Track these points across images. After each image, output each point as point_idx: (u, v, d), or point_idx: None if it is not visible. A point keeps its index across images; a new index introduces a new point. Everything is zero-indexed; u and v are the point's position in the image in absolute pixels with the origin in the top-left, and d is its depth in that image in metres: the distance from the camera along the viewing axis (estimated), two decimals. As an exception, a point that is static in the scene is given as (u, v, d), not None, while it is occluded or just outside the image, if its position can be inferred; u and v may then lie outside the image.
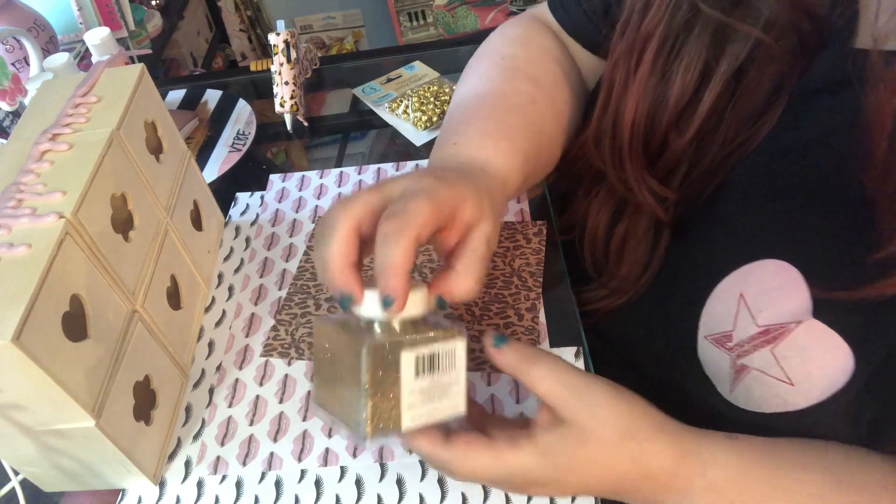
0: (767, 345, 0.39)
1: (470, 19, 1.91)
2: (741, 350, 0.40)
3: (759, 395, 0.40)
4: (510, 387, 0.50)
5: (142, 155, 0.51)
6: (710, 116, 0.44)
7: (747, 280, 0.40)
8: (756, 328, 0.39)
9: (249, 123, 0.81)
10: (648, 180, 0.46)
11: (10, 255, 0.38)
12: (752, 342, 0.40)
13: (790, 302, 0.38)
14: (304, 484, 0.47)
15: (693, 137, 0.44)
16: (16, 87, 0.70)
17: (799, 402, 0.39)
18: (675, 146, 0.45)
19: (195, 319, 0.57)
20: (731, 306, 0.41)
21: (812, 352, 0.37)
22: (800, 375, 0.38)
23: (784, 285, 0.38)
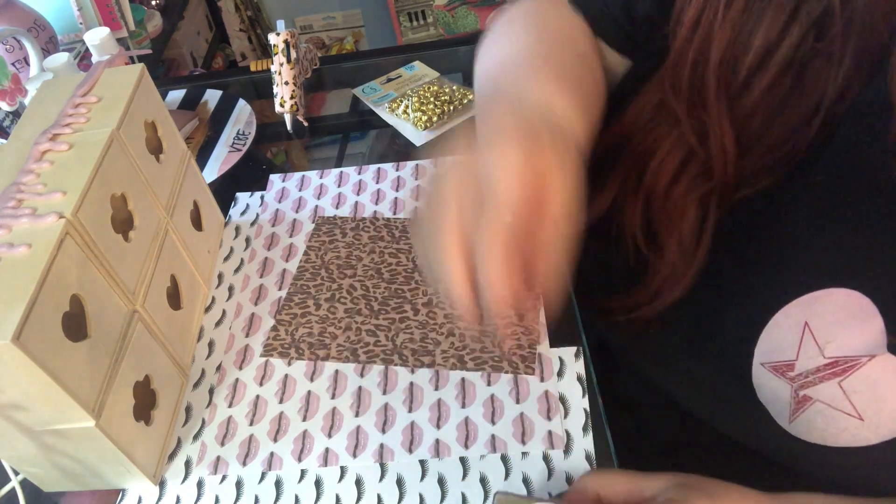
0: (835, 377, 0.37)
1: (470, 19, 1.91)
2: (805, 381, 0.39)
3: (824, 427, 0.39)
4: (510, 387, 0.50)
5: (142, 155, 0.51)
6: (782, 75, 0.42)
7: (813, 309, 0.38)
8: (823, 359, 0.38)
9: (249, 123, 0.81)
10: (727, 123, 0.44)
11: (10, 255, 0.38)
12: (817, 373, 0.38)
13: (862, 334, 0.36)
14: (304, 484, 0.47)
15: (765, 90, 0.42)
16: (16, 87, 0.70)
17: (868, 437, 0.37)
18: (748, 99, 0.43)
19: (195, 319, 0.57)
20: (793, 335, 0.39)
21: (884, 387, 0.36)
22: (870, 411, 0.37)
23: (855, 316, 0.37)
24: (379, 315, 0.56)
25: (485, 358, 0.52)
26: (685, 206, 0.47)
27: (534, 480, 0.45)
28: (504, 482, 0.45)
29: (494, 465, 0.46)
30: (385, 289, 0.58)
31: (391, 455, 0.47)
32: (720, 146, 0.44)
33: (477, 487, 0.45)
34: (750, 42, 0.42)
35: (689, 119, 0.46)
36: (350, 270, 0.60)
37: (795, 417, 0.40)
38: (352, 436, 0.49)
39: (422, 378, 0.52)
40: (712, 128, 0.44)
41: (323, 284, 0.59)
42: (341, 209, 0.67)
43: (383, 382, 0.52)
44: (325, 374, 0.53)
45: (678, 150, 0.47)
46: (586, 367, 0.51)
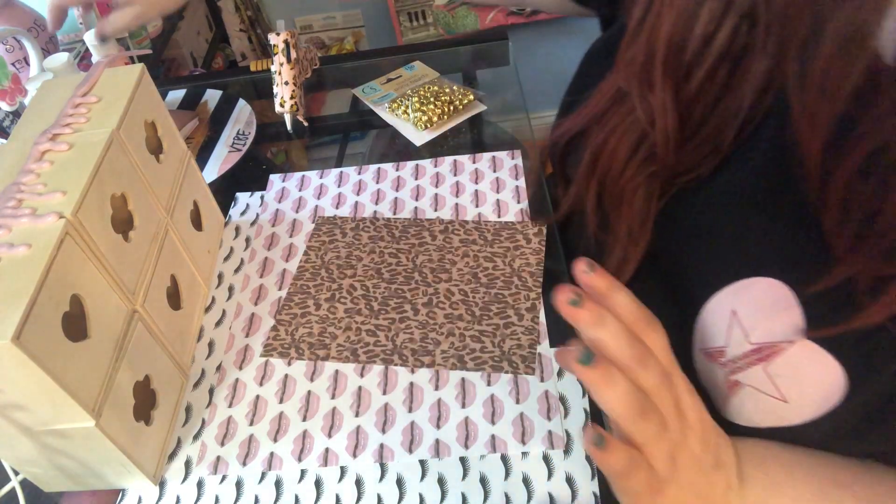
0: (760, 362, 0.39)
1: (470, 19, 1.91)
2: (734, 366, 0.41)
3: (753, 410, 0.41)
4: (510, 387, 0.50)
5: (142, 155, 0.51)
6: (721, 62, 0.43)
7: (739, 297, 0.40)
8: (749, 346, 0.39)
9: (249, 123, 0.81)
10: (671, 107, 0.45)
11: (10, 255, 0.38)
12: (745, 359, 0.40)
13: (782, 321, 0.38)
14: (304, 484, 0.47)
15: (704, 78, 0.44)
16: (16, 87, 0.70)
17: (793, 418, 0.39)
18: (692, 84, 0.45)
19: (195, 319, 0.57)
20: (723, 322, 0.41)
21: (805, 371, 0.38)
22: (793, 393, 0.38)
23: (776, 304, 0.38)
24: (379, 315, 0.56)
25: (485, 358, 0.52)
26: (633, 190, 0.49)
27: (534, 480, 0.45)
28: (504, 482, 0.45)
29: (494, 465, 0.46)
30: (385, 289, 0.58)
31: (391, 455, 0.47)
32: (664, 129, 0.45)
33: (477, 487, 0.45)
34: (693, 29, 0.44)
35: (639, 100, 0.47)
36: (350, 270, 0.60)
37: (728, 401, 0.42)
38: (352, 436, 0.49)
39: (422, 378, 0.52)
40: (657, 110, 0.46)
41: (323, 284, 0.59)
42: (341, 209, 0.67)
43: (383, 382, 0.52)
44: (325, 374, 0.53)
45: (630, 135, 0.49)
46: (586, 367, 0.51)
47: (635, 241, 0.49)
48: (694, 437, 0.36)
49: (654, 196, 0.48)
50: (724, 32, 0.43)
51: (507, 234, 0.61)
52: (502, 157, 0.71)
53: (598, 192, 0.52)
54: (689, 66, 0.45)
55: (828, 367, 0.37)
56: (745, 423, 0.41)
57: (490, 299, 0.56)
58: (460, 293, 0.57)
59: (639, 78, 0.47)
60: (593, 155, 0.52)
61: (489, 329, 0.54)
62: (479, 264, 0.59)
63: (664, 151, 0.46)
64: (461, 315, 0.55)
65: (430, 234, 0.62)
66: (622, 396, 0.33)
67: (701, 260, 0.44)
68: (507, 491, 0.45)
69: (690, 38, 0.44)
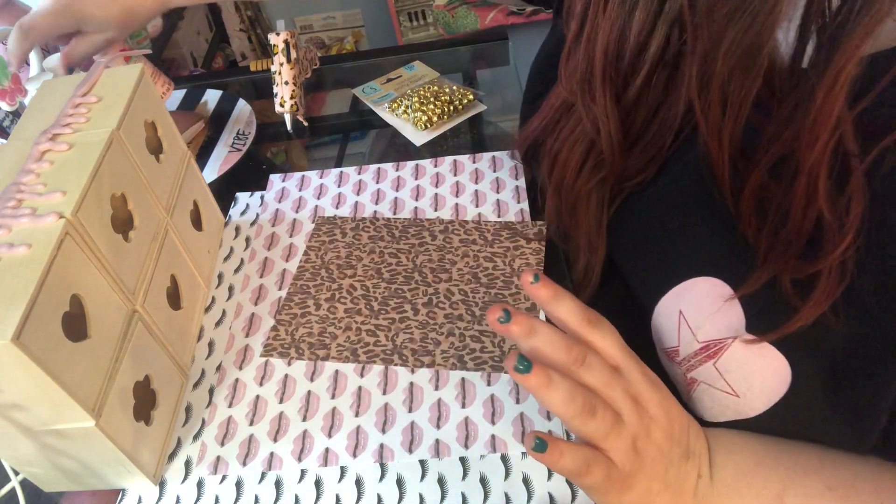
0: (710, 359, 0.40)
1: (470, 19, 1.91)
2: (688, 364, 0.42)
3: (711, 406, 0.42)
4: (510, 387, 0.50)
5: (142, 155, 0.51)
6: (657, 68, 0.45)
7: (684, 298, 0.41)
8: (698, 344, 0.40)
9: (249, 123, 0.81)
10: (616, 112, 0.47)
11: (10, 255, 0.38)
12: (696, 357, 0.41)
13: (726, 319, 0.39)
14: (304, 484, 0.47)
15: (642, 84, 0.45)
16: (16, 87, 0.70)
17: (747, 411, 0.40)
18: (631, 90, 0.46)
19: (195, 319, 0.57)
20: (673, 323, 0.42)
21: (751, 364, 0.38)
22: (743, 387, 0.39)
23: (717, 302, 0.39)
24: (379, 315, 0.56)
25: (485, 358, 0.52)
26: (587, 197, 0.50)
27: (534, 480, 0.45)
28: (504, 482, 0.45)
29: (494, 465, 0.46)
30: (385, 289, 0.58)
31: (391, 455, 0.47)
32: (608, 135, 0.47)
33: (477, 487, 0.45)
34: (628, 38, 0.45)
35: (584, 110, 0.49)
36: (350, 270, 0.60)
37: (689, 398, 0.43)
38: (352, 436, 0.49)
39: (422, 378, 0.52)
40: (600, 118, 0.47)
41: (323, 284, 0.59)
42: (341, 209, 0.67)
43: (383, 382, 0.52)
44: (325, 374, 0.53)
45: (580, 144, 0.50)
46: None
47: (594, 248, 0.51)
48: (657, 428, 0.37)
49: (605, 202, 0.50)
50: (657, 40, 0.44)
51: (507, 234, 0.61)
52: (502, 157, 0.71)
53: (556, 203, 0.53)
54: (627, 74, 0.46)
55: (772, 360, 0.38)
56: (708, 418, 0.42)
57: (490, 299, 0.56)
58: (460, 293, 0.57)
59: (581, 88, 0.48)
60: (549, 165, 0.53)
61: (489, 329, 0.54)
62: (479, 264, 0.59)
63: (611, 157, 0.47)
64: (461, 315, 0.55)
65: (430, 234, 0.62)
66: (565, 398, 0.34)
67: (649, 263, 0.46)
68: (507, 491, 0.45)
69: (626, 48, 0.45)
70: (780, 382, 0.38)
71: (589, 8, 0.47)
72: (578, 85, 0.48)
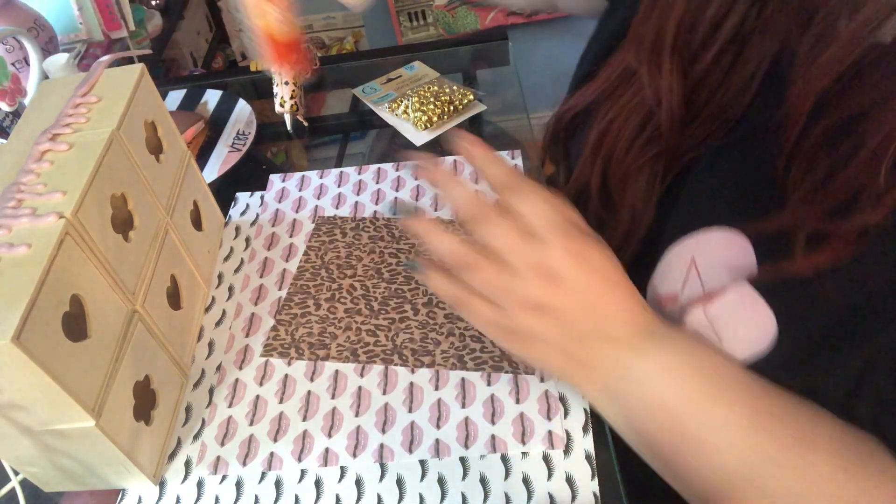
0: (701, 304, 0.41)
1: (470, 19, 1.91)
2: (682, 310, 0.42)
3: None
4: (510, 387, 0.50)
5: (142, 155, 0.51)
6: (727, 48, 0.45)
7: (701, 247, 0.42)
8: (703, 293, 0.41)
9: (249, 123, 0.81)
10: (678, 88, 0.47)
11: (10, 255, 0.38)
12: (693, 303, 0.42)
13: (738, 271, 0.40)
14: (304, 484, 0.47)
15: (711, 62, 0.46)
16: (16, 88, 0.70)
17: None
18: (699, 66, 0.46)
19: (195, 319, 0.57)
20: (681, 269, 0.43)
21: (739, 314, 0.39)
22: (728, 335, 0.40)
23: (736, 254, 0.40)
24: (379, 315, 0.56)
25: (485, 358, 0.52)
26: (638, 170, 0.50)
27: (534, 480, 0.45)
28: (504, 482, 0.45)
29: (494, 465, 0.46)
30: (385, 289, 0.58)
31: (391, 455, 0.47)
32: (669, 109, 0.47)
33: (477, 487, 0.45)
34: (704, 12, 0.45)
35: (648, 79, 0.49)
36: (350, 270, 0.60)
37: None
38: (352, 436, 0.49)
39: (422, 378, 0.52)
40: (664, 90, 0.47)
41: (323, 284, 0.59)
42: (341, 209, 0.67)
43: (383, 382, 0.52)
44: (325, 374, 0.53)
45: (636, 115, 0.51)
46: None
47: (639, 219, 0.50)
48: (568, 297, 0.38)
49: (658, 177, 0.49)
50: (734, 18, 0.44)
51: (507, 234, 0.61)
52: (503, 156, 0.71)
53: (602, 171, 0.53)
54: (698, 49, 0.46)
55: (760, 314, 0.38)
56: None
57: (490, 299, 0.56)
58: (460, 293, 0.57)
59: (648, 57, 0.48)
60: (600, 133, 0.53)
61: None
62: (479, 264, 0.59)
63: (669, 131, 0.48)
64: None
65: (430, 234, 0.62)
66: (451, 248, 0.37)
67: (671, 214, 0.47)
68: (507, 491, 0.45)
69: (701, 22, 0.45)
70: (762, 337, 0.39)
71: None
72: (646, 54, 0.48)
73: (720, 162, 0.45)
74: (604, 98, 0.53)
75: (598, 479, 0.45)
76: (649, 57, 0.48)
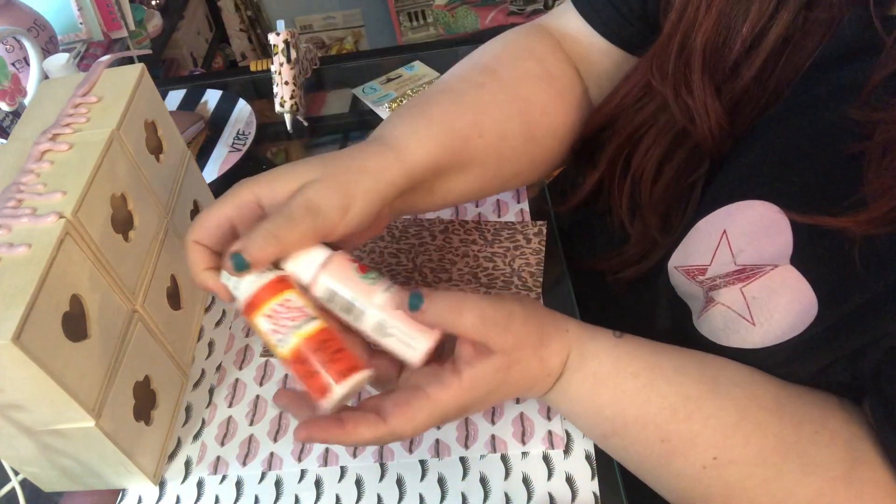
0: (739, 283, 0.40)
1: (470, 19, 1.91)
2: (712, 283, 0.42)
3: (721, 328, 0.42)
4: (510, 387, 0.50)
5: (142, 155, 0.51)
6: (771, 56, 0.44)
7: (733, 218, 0.41)
8: (734, 266, 0.40)
9: (249, 123, 0.81)
10: (716, 104, 0.46)
11: (10, 255, 0.38)
12: (725, 278, 0.41)
13: (772, 245, 0.39)
14: (304, 484, 0.47)
15: (755, 76, 0.44)
16: (16, 88, 0.70)
17: (755, 341, 0.40)
18: (738, 84, 0.45)
19: (195, 319, 0.57)
20: (711, 241, 0.42)
21: (780, 296, 0.39)
22: (763, 317, 0.39)
23: (770, 228, 0.39)
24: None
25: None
26: (674, 194, 0.50)
27: (534, 480, 0.45)
28: (504, 482, 0.45)
29: (494, 465, 0.46)
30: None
31: (391, 455, 0.47)
32: (708, 130, 0.46)
33: (477, 487, 0.45)
34: (737, 29, 0.44)
35: (676, 103, 0.48)
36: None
37: (701, 315, 0.44)
38: (352, 436, 0.49)
39: (422, 378, 0.51)
40: (697, 112, 0.46)
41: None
42: (341, 209, 0.67)
43: (383, 382, 0.52)
44: (325, 374, 0.53)
45: (664, 138, 0.50)
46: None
47: (670, 230, 0.50)
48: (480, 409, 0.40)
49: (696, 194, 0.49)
50: (777, 30, 0.43)
51: (507, 234, 0.61)
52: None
53: (630, 193, 0.53)
54: (736, 65, 0.44)
55: (802, 296, 0.38)
56: (711, 339, 0.43)
57: (490, 299, 0.56)
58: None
59: (673, 82, 0.47)
60: (624, 151, 0.52)
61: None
62: (479, 264, 0.59)
63: (711, 147, 0.47)
64: (461, 315, 0.55)
65: (430, 234, 0.62)
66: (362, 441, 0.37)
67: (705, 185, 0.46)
68: (507, 491, 0.45)
69: (735, 40, 0.44)
70: (801, 320, 0.38)
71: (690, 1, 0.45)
72: (671, 78, 0.47)
73: (760, 138, 0.44)
74: (624, 113, 0.52)
75: (598, 479, 0.45)
76: (674, 80, 0.46)
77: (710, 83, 0.45)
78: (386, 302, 0.38)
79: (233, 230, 0.39)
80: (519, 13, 1.88)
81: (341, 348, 0.37)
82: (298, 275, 0.38)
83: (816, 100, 0.41)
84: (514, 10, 1.88)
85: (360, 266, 0.39)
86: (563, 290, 0.56)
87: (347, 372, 0.36)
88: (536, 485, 0.45)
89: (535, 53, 0.56)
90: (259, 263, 0.36)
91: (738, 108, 0.46)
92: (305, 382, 0.37)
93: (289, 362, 0.37)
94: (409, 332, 0.38)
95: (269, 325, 0.36)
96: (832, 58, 0.41)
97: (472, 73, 0.52)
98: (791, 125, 0.42)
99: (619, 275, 0.55)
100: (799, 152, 0.40)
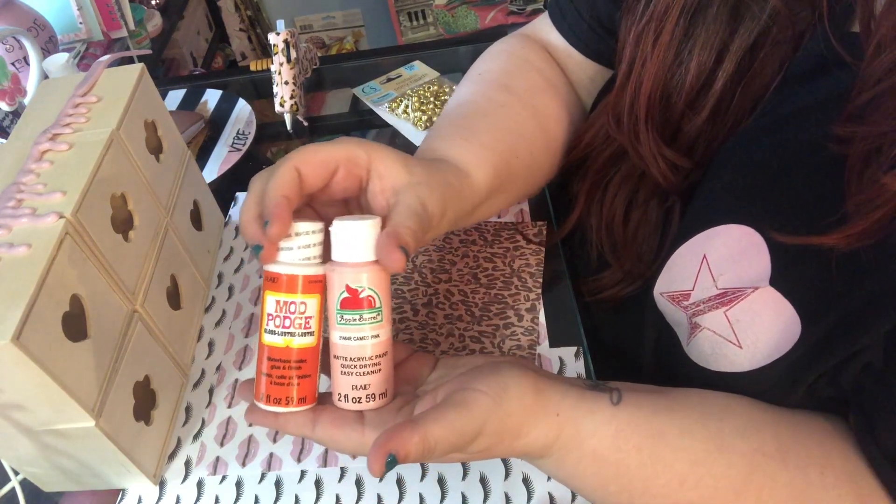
0: (722, 307, 0.40)
1: (470, 19, 1.91)
2: (696, 309, 0.42)
3: (710, 353, 0.42)
4: (510, 387, 0.50)
5: (142, 155, 0.51)
6: (723, 97, 0.44)
7: (712, 243, 0.41)
8: (715, 290, 0.41)
9: (249, 123, 0.81)
10: (665, 152, 0.47)
11: (10, 255, 0.38)
12: (708, 303, 0.41)
13: (751, 268, 0.39)
14: (304, 484, 0.47)
15: (707, 118, 0.45)
16: (15, 87, 0.70)
17: (744, 364, 0.40)
18: (691, 126, 0.46)
19: (195, 319, 0.57)
20: (692, 266, 0.42)
21: (763, 318, 0.39)
22: (749, 339, 0.39)
23: (747, 251, 0.39)
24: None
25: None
26: (647, 230, 0.51)
27: (534, 480, 0.45)
28: (504, 482, 0.45)
29: (494, 465, 0.46)
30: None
31: (391, 455, 0.47)
32: (661, 174, 0.47)
33: (477, 487, 0.45)
34: (680, 84, 0.45)
35: (631, 150, 0.49)
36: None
37: (689, 342, 0.44)
38: (352, 436, 0.49)
39: (422, 378, 0.52)
40: (648, 159, 0.47)
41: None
42: (341, 209, 0.67)
43: (383, 382, 0.52)
44: (325, 374, 0.53)
45: (628, 183, 0.52)
46: (586, 367, 0.51)
47: (647, 263, 0.51)
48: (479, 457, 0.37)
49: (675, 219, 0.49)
50: (724, 75, 0.43)
51: (507, 235, 0.61)
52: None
53: (608, 234, 0.54)
54: (682, 114, 0.45)
55: (785, 316, 0.38)
56: (702, 364, 0.43)
57: (490, 300, 0.56)
58: (460, 294, 0.57)
59: (627, 130, 0.48)
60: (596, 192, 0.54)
61: (489, 330, 0.54)
62: (478, 265, 0.59)
63: (671, 187, 0.48)
64: (461, 316, 0.55)
65: (430, 234, 0.62)
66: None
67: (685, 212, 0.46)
68: (507, 491, 0.45)
69: (680, 91, 0.45)
70: (786, 340, 0.38)
71: (637, 52, 0.46)
72: (626, 131, 0.48)
73: (732, 158, 0.44)
74: (593, 154, 0.54)
75: (598, 479, 0.45)
76: (627, 130, 0.48)
77: (657, 134, 0.46)
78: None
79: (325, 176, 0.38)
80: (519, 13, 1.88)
81: (308, 374, 0.37)
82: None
83: (787, 118, 0.41)
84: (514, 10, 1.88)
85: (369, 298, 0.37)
86: (563, 290, 0.56)
87: (287, 402, 0.37)
88: (536, 485, 0.45)
89: (535, 64, 0.57)
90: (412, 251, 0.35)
91: (696, 145, 0.46)
92: (259, 374, 0.37)
93: (263, 351, 0.37)
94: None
95: (273, 311, 0.36)
96: (801, 73, 0.41)
97: (493, 92, 0.53)
98: (762, 144, 0.42)
99: (598, 296, 0.56)
100: (771, 172, 0.40)
